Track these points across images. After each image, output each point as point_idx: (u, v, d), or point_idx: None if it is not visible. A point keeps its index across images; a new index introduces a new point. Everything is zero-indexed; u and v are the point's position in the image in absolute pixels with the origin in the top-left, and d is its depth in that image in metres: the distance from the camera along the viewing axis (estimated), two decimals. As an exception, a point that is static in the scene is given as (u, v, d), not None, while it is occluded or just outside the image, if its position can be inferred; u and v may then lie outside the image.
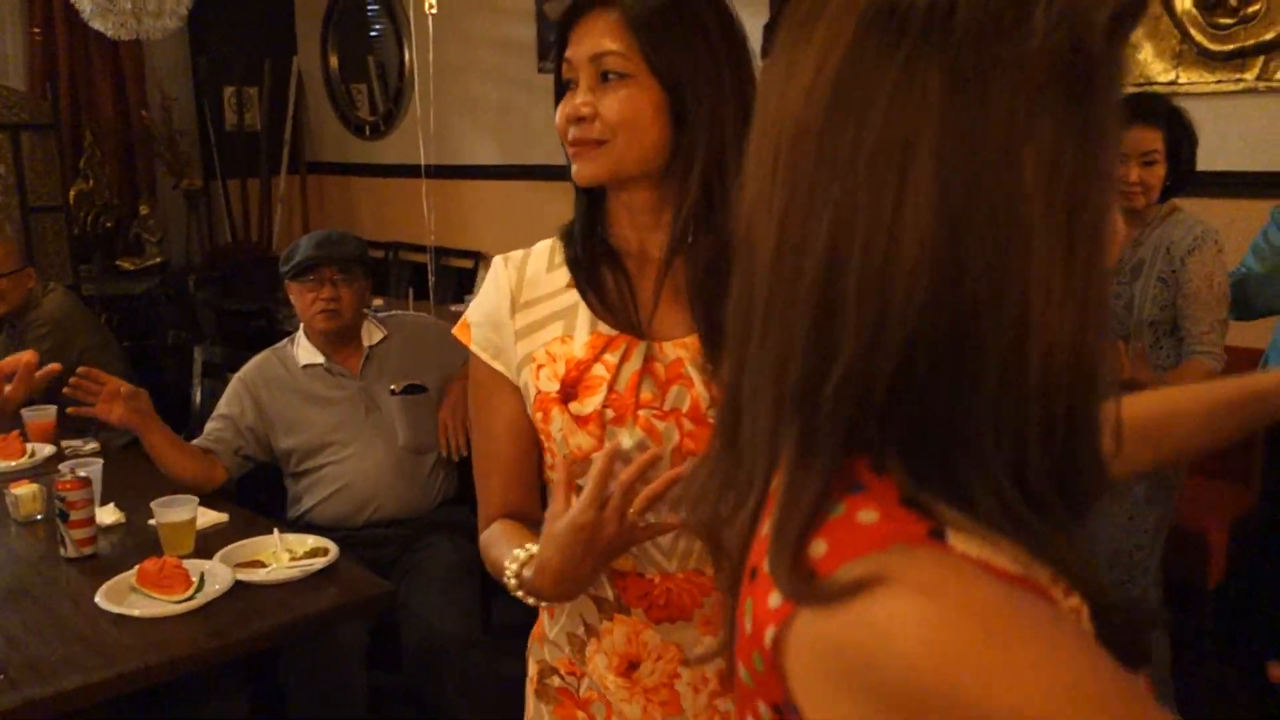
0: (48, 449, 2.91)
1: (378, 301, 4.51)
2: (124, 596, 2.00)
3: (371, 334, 2.87)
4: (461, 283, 5.70)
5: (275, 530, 2.26)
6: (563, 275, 1.34)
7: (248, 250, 6.24)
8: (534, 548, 1.21)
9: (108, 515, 2.38)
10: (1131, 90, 3.06)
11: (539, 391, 1.30)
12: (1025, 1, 0.56)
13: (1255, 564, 3.03)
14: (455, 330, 1.40)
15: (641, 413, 1.27)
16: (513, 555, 1.24)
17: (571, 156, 1.26)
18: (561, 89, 1.28)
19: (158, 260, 5.82)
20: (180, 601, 1.97)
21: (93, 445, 2.92)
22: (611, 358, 1.28)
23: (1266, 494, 2.95)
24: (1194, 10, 3.32)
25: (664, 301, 1.31)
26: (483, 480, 1.37)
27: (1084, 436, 0.61)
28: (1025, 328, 0.58)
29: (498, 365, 1.34)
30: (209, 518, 2.39)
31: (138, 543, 2.31)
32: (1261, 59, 3.22)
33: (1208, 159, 3.18)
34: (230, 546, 2.19)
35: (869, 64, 0.59)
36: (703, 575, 1.30)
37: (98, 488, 2.36)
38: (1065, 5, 0.56)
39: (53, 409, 2.95)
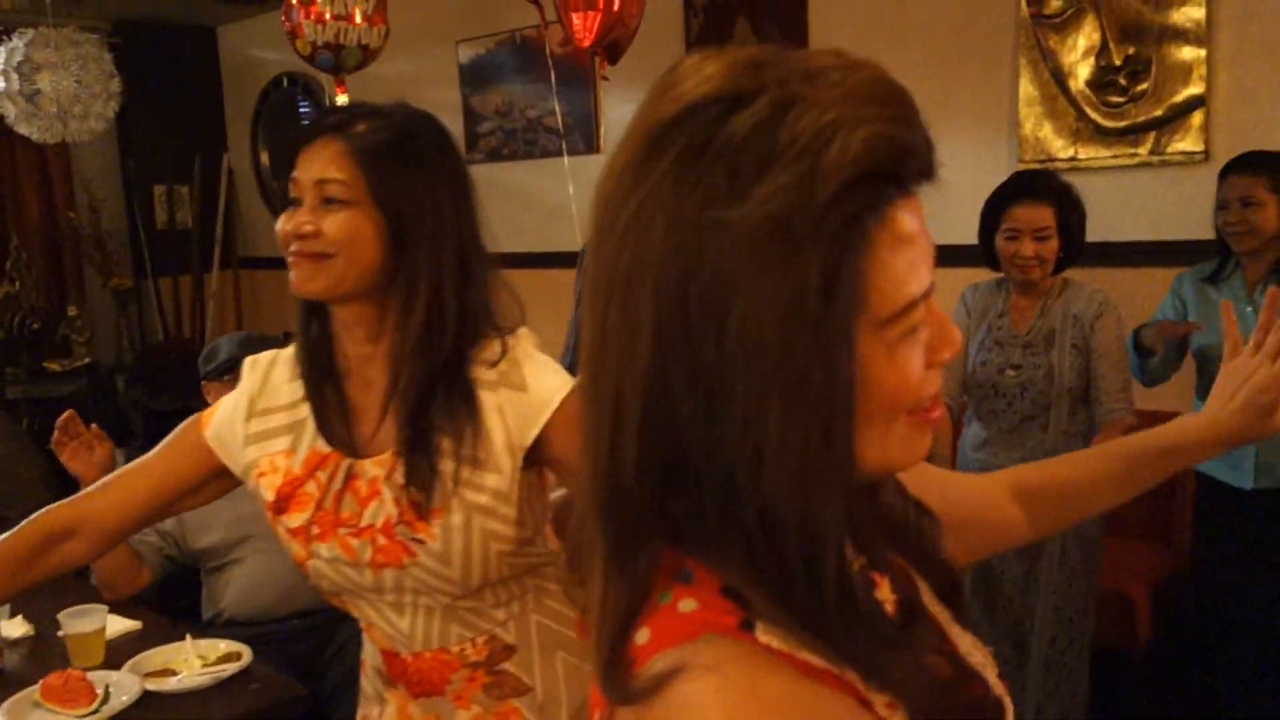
0: (-42, 561, 2.84)
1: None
2: (27, 713, 1.95)
3: None
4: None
5: (188, 636, 2.21)
6: (300, 387, 1.40)
7: (180, 347, 6.19)
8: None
9: (15, 628, 2.32)
10: (1021, 170, 3.17)
11: (262, 499, 1.39)
12: (764, 163, 0.58)
13: (1184, 625, 3.07)
14: (203, 414, 1.46)
15: (340, 530, 1.35)
16: None
17: (292, 267, 1.33)
18: (285, 203, 1.36)
19: (86, 361, 5.75)
20: (84, 716, 1.92)
21: (5, 555, 2.85)
22: (323, 475, 1.36)
23: (1196, 556, 3.01)
24: (1087, 90, 3.47)
25: (373, 420, 1.37)
26: (110, 480, 1.46)
27: (830, 577, 0.62)
28: (730, 481, 0.60)
29: (219, 454, 1.42)
30: (120, 625, 2.34)
31: (47, 655, 2.26)
32: (1153, 134, 3.36)
33: (1108, 230, 3.30)
34: (140, 655, 2.15)
35: (624, 187, 0.62)
36: (448, 653, 1.40)
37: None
38: (799, 171, 0.58)
39: (-37, 519, 2.88)
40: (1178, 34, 3.28)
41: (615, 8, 3.33)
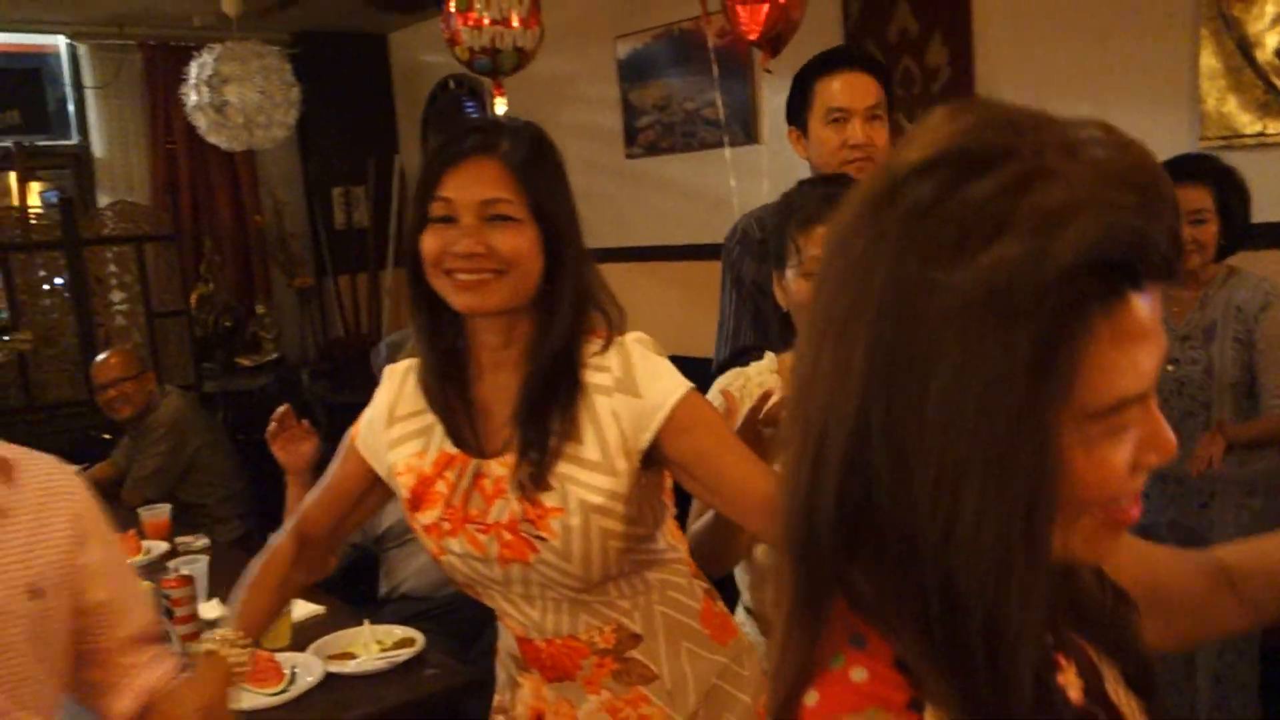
0: (162, 546, 3.07)
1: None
2: (223, 691, 2.09)
3: None
4: (560, 365, 5.81)
5: (366, 622, 2.34)
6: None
7: (359, 343, 6.48)
8: (218, 638, 1.50)
9: (211, 610, 2.49)
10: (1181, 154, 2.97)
11: (401, 498, 1.49)
12: (996, 231, 0.57)
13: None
14: (351, 429, 1.58)
15: (469, 527, 1.42)
16: (217, 630, 1.53)
17: (460, 288, 1.37)
18: (423, 220, 1.39)
19: (274, 356, 6.10)
20: (274, 694, 2.05)
21: (203, 541, 3.07)
22: (450, 474, 1.44)
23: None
24: (1277, 60, 3.25)
25: (500, 423, 1.44)
26: (312, 496, 1.64)
27: (1019, 670, 0.60)
28: (914, 547, 0.59)
29: (371, 462, 1.54)
30: (306, 610, 2.49)
31: (241, 637, 2.42)
32: (1352, 104, 3.13)
33: (1300, 209, 3.09)
34: (322, 639, 2.28)
35: (855, 226, 0.62)
36: (577, 640, 1.46)
37: (203, 584, 2.49)
38: (1031, 246, 0.56)
39: (166, 508, 3.11)
40: (1380, -5, 3.04)
41: (782, 1, 3.31)
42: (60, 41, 5.83)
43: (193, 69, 5.18)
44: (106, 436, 4.35)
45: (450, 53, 3.86)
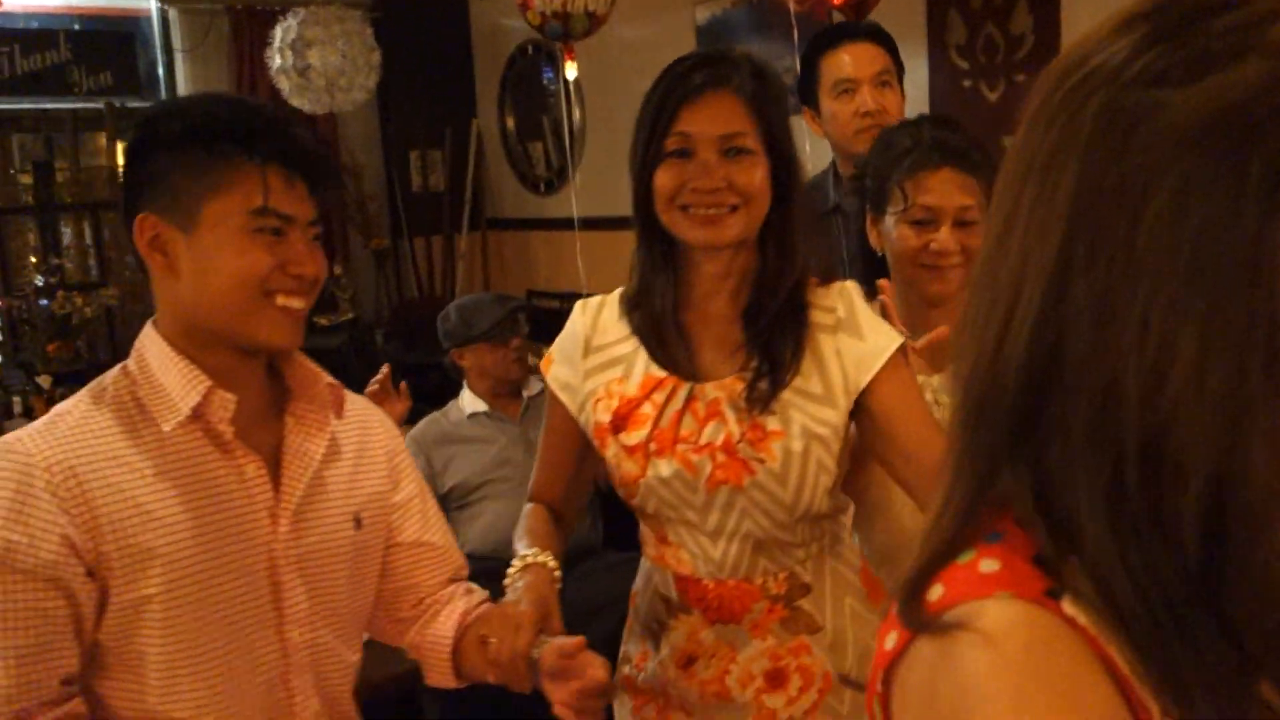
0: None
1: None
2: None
3: (531, 386, 3.08)
4: (631, 331, 5.82)
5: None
6: (628, 323, 1.51)
7: (432, 304, 6.57)
8: (530, 555, 1.46)
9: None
10: None
11: (596, 422, 1.48)
12: (1237, 55, 0.53)
13: None
14: (541, 362, 1.60)
15: (679, 446, 1.43)
16: (519, 555, 1.48)
17: (700, 222, 1.40)
18: (657, 155, 1.38)
19: (350, 316, 6.20)
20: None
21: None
22: (659, 396, 1.45)
23: None
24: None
25: (712, 348, 1.47)
26: (536, 467, 1.68)
27: (1232, 572, 0.54)
28: (1111, 395, 0.54)
29: (564, 397, 1.55)
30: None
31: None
32: None
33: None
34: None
35: (1072, 63, 0.59)
36: (751, 584, 1.47)
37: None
38: (1275, 67, 0.52)
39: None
40: None
41: (868, -34, 3.25)
42: (152, 5, 5.95)
43: (277, 33, 5.27)
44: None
45: (522, 16, 3.87)
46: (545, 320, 5.63)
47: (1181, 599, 0.54)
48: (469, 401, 3.07)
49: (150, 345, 1.31)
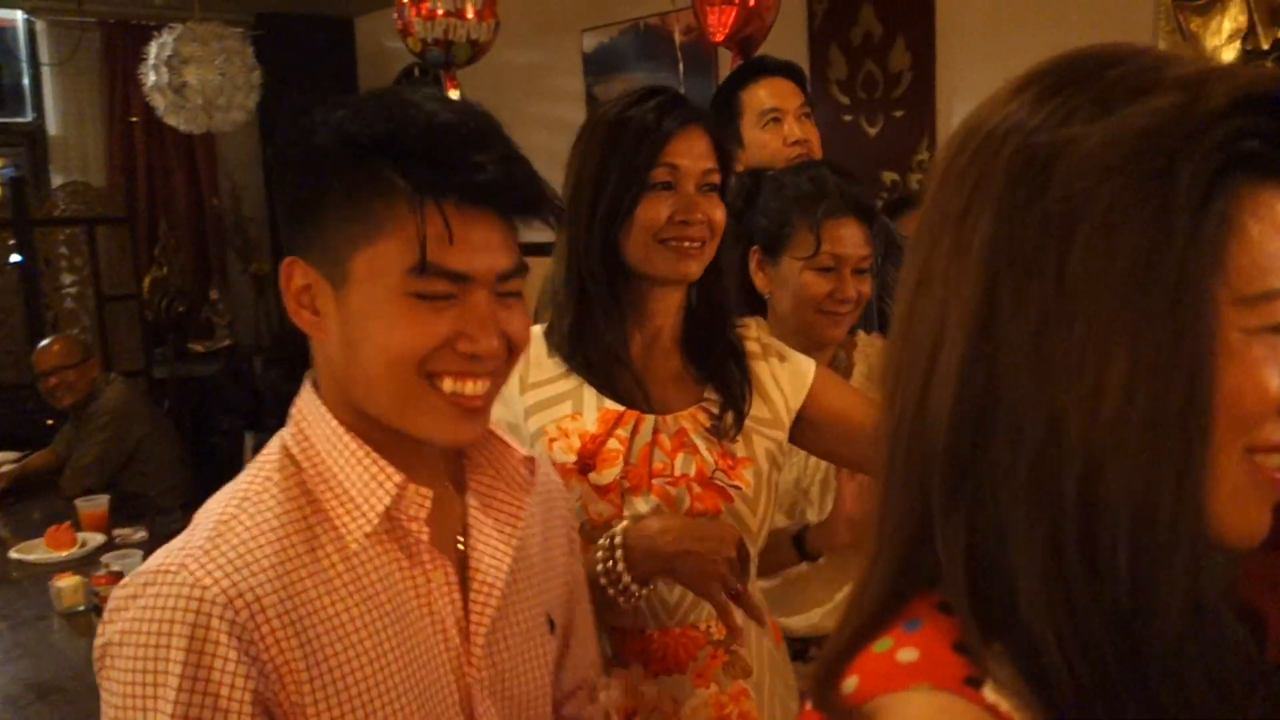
0: (98, 538, 3.02)
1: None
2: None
3: None
4: (518, 358, 5.78)
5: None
6: (561, 359, 1.47)
7: (314, 330, 6.43)
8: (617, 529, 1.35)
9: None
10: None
11: (558, 464, 1.40)
12: (1139, 92, 0.54)
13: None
14: None
15: (655, 481, 1.40)
16: (612, 529, 1.37)
17: (684, 255, 1.40)
18: (641, 188, 1.39)
19: (227, 343, 6.02)
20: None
21: (142, 534, 3.01)
22: (623, 432, 1.41)
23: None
24: (1232, 75, 3.28)
25: (664, 380, 1.47)
26: None
27: (1158, 603, 0.53)
28: (1053, 433, 0.54)
29: (506, 437, 1.45)
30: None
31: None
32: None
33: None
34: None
35: (977, 121, 0.59)
36: (696, 630, 1.44)
37: (135, 580, 2.44)
38: (1180, 96, 0.53)
39: (105, 499, 3.06)
40: (1334, 15, 3.07)
41: (751, 3, 3.29)
42: (18, 16, 5.72)
43: (152, 48, 5.10)
44: (50, 422, 4.27)
45: (403, 42, 3.82)
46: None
47: (1113, 674, 0.53)
48: None
49: (315, 421, 0.98)
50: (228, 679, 0.85)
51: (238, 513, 0.93)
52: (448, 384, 0.92)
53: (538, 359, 1.48)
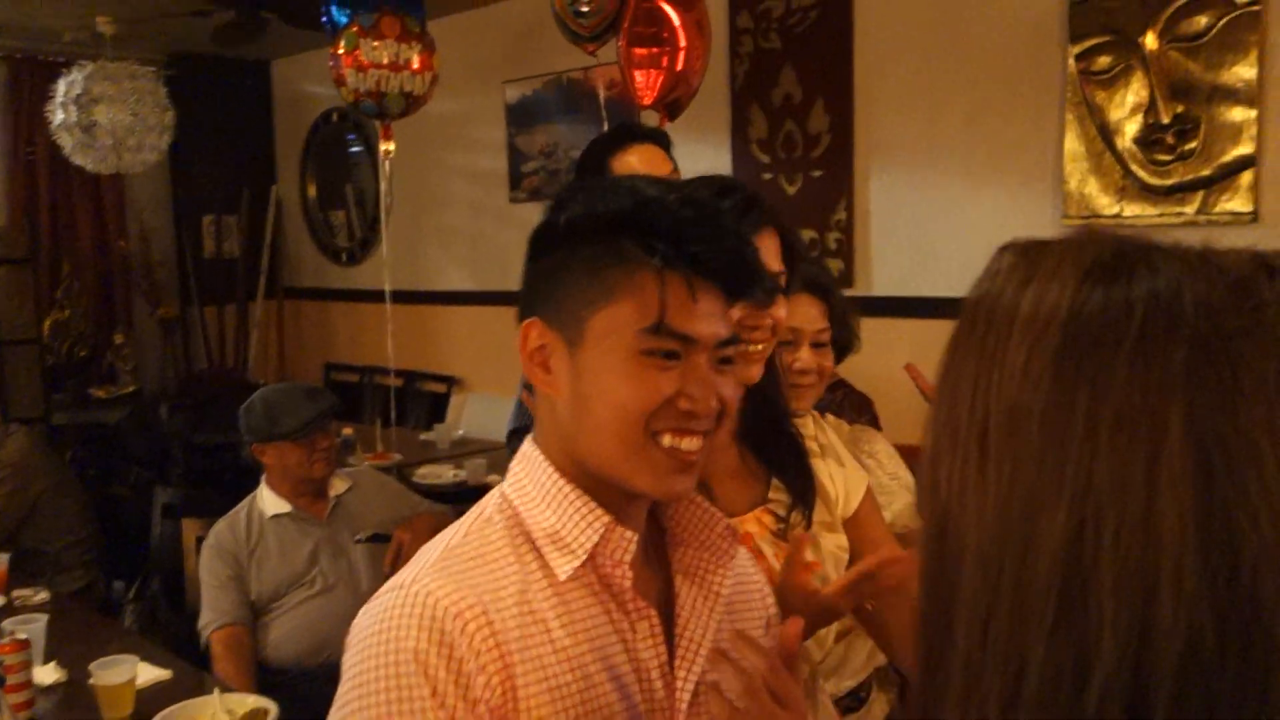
0: (-3, 599, 2.88)
1: (347, 430, 4.52)
2: (56, 764, 1.96)
3: (337, 485, 2.95)
4: (434, 408, 5.71)
5: (216, 690, 2.22)
6: None
7: (223, 377, 6.26)
8: None
9: (48, 675, 2.34)
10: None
11: None
12: (1247, 282, 0.54)
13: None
14: None
15: None
16: None
17: (756, 360, 1.38)
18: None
19: (131, 389, 5.84)
20: (111, 770, 1.92)
21: (43, 595, 2.88)
22: None
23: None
24: (1134, 147, 3.43)
25: (725, 479, 1.42)
26: None
27: None
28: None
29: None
30: (151, 674, 2.36)
31: (78, 702, 2.27)
32: (1201, 193, 3.31)
33: (1154, 291, 3.24)
34: (168, 710, 2.15)
35: (1091, 339, 0.55)
36: None
37: (39, 646, 2.33)
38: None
39: (4, 557, 2.92)
40: (1228, 94, 3.23)
41: (679, 67, 3.35)
42: (-85, 49, 5.53)
43: (60, 86, 4.99)
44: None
45: (337, 91, 3.80)
46: (344, 393, 5.48)
47: None
48: (270, 502, 2.87)
49: (534, 469, 1.07)
50: (459, 682, 0.93)
51: (462, 544, 1.03)
52: (667, 439, 1.01)
53: None
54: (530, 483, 1.06)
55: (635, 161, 2.37)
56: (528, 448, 1.09)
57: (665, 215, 1.01)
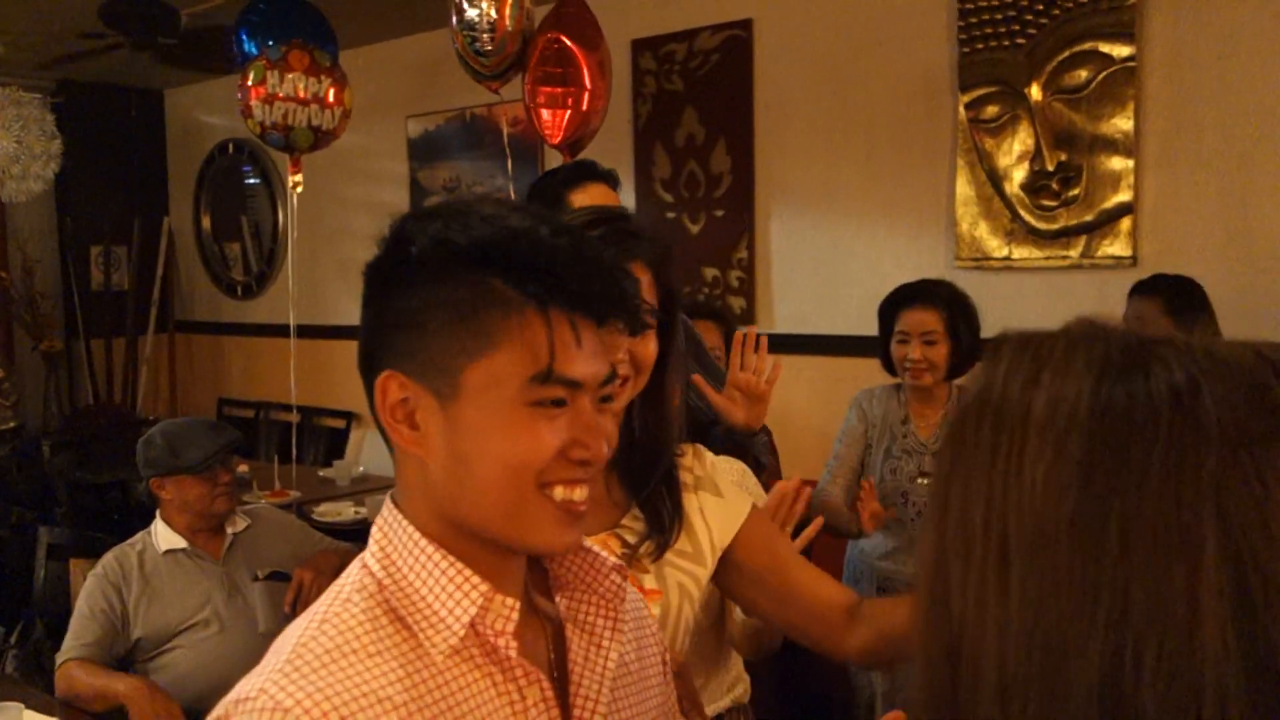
0: None
1: (243, 467, 4.41)
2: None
3: (236, 523, 2.87)
4: (332, 444, 5.61)
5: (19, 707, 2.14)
6: None
7: (110, 413, 6.06)
8: None
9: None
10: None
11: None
12: (1260, 383, 0.52)
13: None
14: None
15: None
16: None
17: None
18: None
19: (11, 425, 5.60)
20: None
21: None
22: None
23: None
24: (1021, 193, 3.58)
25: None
26: None
27: None
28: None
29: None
30: (37, 723, 2.26)
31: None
32: (1084, 238, 3.47)
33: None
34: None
35: (1119, 444, 0.52)
36: None
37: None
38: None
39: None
40: (1108, 143, 3.40)
41: (584, 107, 3.39)
42: None
43: (-61, 112, 4.81)
44: None
45: (243, 122, 3.74)
46: (238, 430, 5.33)
47: None
48: (165, 538, 2.78)
49: (397, 536, 0.96)
50: None
51: (317, 634, 0.90)
52: (559, 492, 0.93)
53: None
54: (396, 552, 0.95)
55: (592, 200, 2.38)
56: (388, 513, 0.98)
57: (539, 249, 0.90)
